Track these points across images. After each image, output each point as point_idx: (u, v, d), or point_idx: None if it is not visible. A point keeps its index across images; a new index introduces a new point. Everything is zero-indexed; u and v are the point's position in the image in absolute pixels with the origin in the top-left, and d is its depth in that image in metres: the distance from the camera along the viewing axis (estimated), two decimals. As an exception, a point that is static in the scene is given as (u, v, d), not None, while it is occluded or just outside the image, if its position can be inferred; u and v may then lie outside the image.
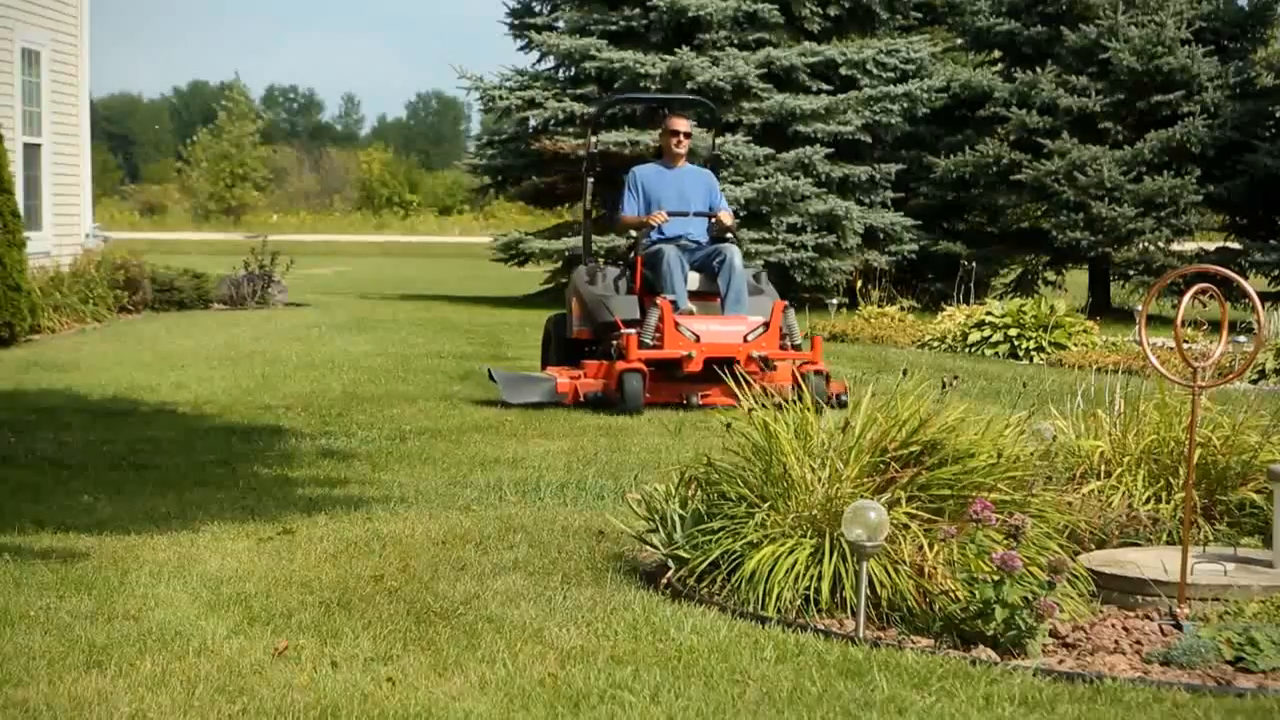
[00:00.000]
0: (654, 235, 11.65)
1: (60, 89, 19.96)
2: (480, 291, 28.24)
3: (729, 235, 11.83)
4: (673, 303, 11.22)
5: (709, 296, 11.57)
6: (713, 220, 11.79)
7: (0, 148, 14.77)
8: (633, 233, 12.03)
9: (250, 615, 5.35)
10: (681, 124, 12.08)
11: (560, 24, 24.14)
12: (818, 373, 10.81)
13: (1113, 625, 5.30)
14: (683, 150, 11.95)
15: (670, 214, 11.67)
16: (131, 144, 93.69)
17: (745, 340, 10.94)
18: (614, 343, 11.03)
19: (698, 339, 10.94)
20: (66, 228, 20.15)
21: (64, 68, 20.13)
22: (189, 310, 20.78)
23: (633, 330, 10.96)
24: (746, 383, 6.68)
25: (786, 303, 11.16)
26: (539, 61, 24.54)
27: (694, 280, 11.58)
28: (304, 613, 5.39)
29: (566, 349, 11.78)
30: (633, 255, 11.79)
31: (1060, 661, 4.97)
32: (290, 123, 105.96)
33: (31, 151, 18.95)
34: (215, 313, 20.79)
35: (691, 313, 11.30)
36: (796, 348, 11.05)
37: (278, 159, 75.65)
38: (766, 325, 11.03)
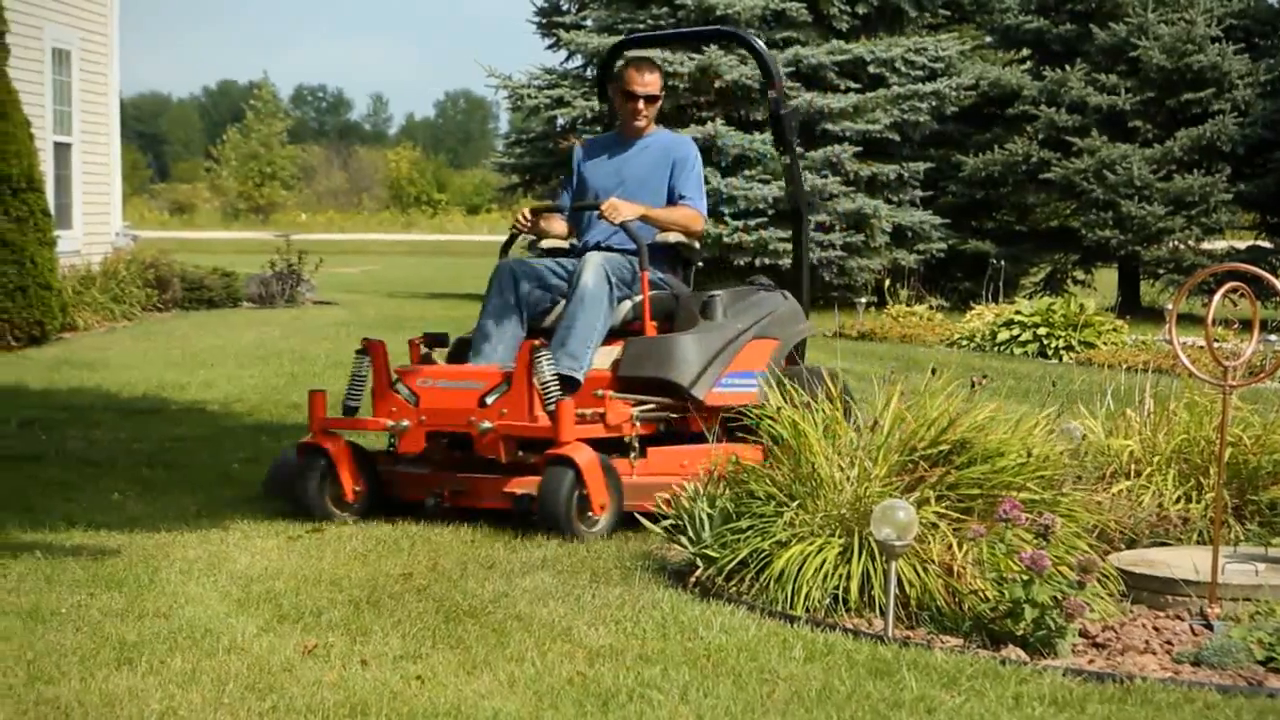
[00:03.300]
0: (586, 239, 7.90)
1: (90, 88, 20.04)
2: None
3: (643, 244, 7.57)
4: (459, 346, 7.70)
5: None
6: (598, 214, 7.69)
7: (31, 147, 14.83)
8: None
9: (280, 613, 5.37)
10: (644, 82, 7.93)
11: (588, 22, 24.15)
12: (559, 460, 6.76)
13: (1143, 625, 5.29)
14: (643, 121, 7.95)
15: (534, 210, 7.96)
16: (161, 143, 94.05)
17: (482, 404, 7.04)
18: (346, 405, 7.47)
19: (418, 402, 7.19)
20: (97, 227, 20.23)
21: (94, 67, 20.21)
22: (218, 309, 20.84)
23: (360, 384, 7.46)
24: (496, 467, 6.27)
25: (542, 341, 7.09)
26: (567, 60, 24.55)
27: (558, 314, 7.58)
28: (333, 611, 5.41)
29: None
30: None
31: (1090, 661, 4.95)
32: (319, 122, 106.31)
33: (62, 150, 19.03)
34: (244, 311, 20.85)
35: (474, 364, 7.45)
36: (550, 418, 6.91)
37: (306, 158, 75.90)
38: (509, 380, 7.01)
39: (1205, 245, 23.83)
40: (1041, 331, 15.75)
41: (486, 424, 6.95)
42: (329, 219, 66.46)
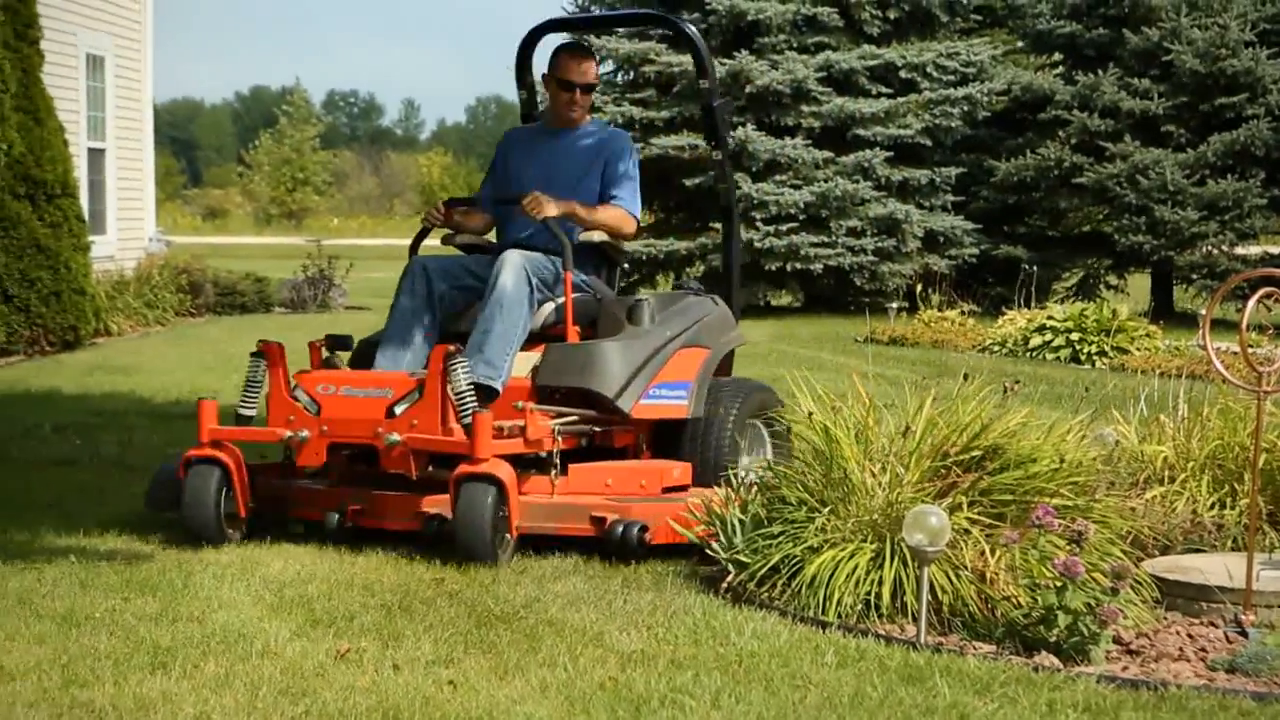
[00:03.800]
0: (507, 236, 7.43)
1: (124, 94, 20.14)
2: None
3: (574, 243, 7.12)
4: (364, 349, 7.15)
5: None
6: (518, 208, 7.13)
7: (65, 152, 14.90)
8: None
9: (313, 618, 5.39)
10: (581, 71, 7.48)
11: (619, 28, 24.16)
12: (478, 478, 6.16)
13: (1177, 632, 5.27)
14: (578, 112, 7.45)
15: (449, 205, 7.46)
16: (194, 148, 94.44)
17: (389, 414, 6.44)
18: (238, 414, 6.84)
19: (319, 411, 6.57)
20: (130, 232, 20.33)
21: (128, 73, 20.30)
22: (250, 314, 20.91)
23: (255, 390, 6.81)
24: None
25: (457, 346, 6.50)
26: (598, 65, 24.57)
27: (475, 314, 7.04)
28: (366, 615, 5.42)
29: None
30: None
31: (1124, 668, 4.94)
32: (350, 127, 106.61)
33: (96, 156, 19.13)
34: (277, 316, 20.91)
35: (378, 369, 6.93)
36: (465, 430, 6.33)
37: (338, 163, 76.06)
38: (421, 388, 6.45)
39: (1239, 250, 23.69)
40: (1074, 337, 15.69)
41: (394, 436, 6.36)
42: (361, 224, 66.59)
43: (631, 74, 23.75)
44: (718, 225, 22.23)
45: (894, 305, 19.88)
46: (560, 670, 4.81)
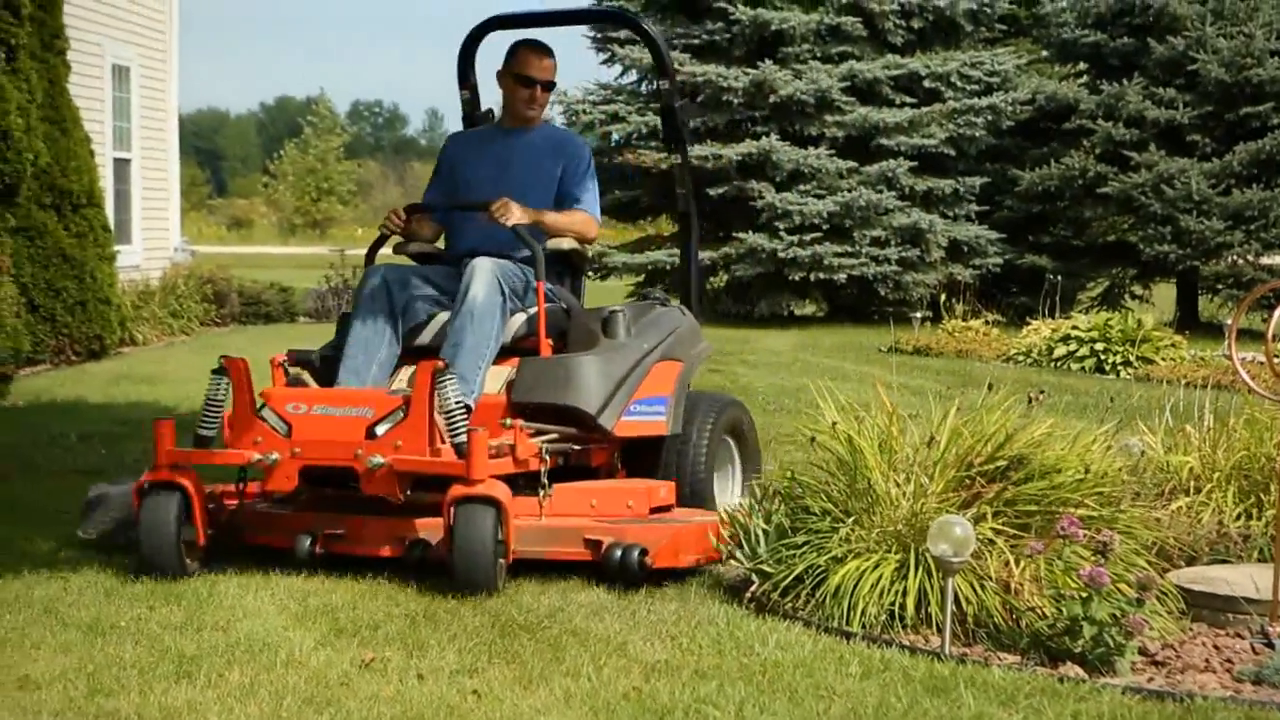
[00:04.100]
0: (461, 243, 7.01)
1: (150, 105, 20.22)
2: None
3: (551, 253, 6.81)
4: (318, 364, 6.63)
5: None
6: (482, 215, 6.76)
7: (91, 163, 14.96)
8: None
9: (337, 627, 5.39)
10: (542, 66, 7.07)
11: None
12: (477, 500, 5.80)
13: (1203, 643, 5.24)
14: (536, 110, 7.09)
15: (410, 210, 7.02)
16: (219, 158, 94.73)
17: (370, 434, 6.03)
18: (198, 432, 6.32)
19: (289, 431, 6.13)
20: (155, 242, 20.40)
21: (153, 84, 20.39)
22: (275, 323, 20.96)
23: (216, 409, 6.28)
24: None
25: (444, 362, 6.09)
26: (621, 75, 24.58)
27: (437, 328, 6.73)
28: (390, 625, 5.42)
29: None
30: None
31: (1149, 680, 4.92)
32: (375, 137, 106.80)
33: (121, 166, 19.20)
34: (301, 326, 20.96)
35: (341, 386, 6.46)
36: (457, 450, 5.95)
37: (362, 173, 76.21)
38: (406, 407, 6.03)
39: (1265, 260, 23.63)
40: (1099, 347, 15.65)
41: (378, 459, 5.94)
42: (385, 234, 66.67)
43: (656, 84, 23.75)
44: (741, 235, 22.29)
45: (918, 315, 19.85)
46: (584, 680, 4.81)
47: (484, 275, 6.51)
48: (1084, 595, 4.99)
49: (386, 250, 7.20)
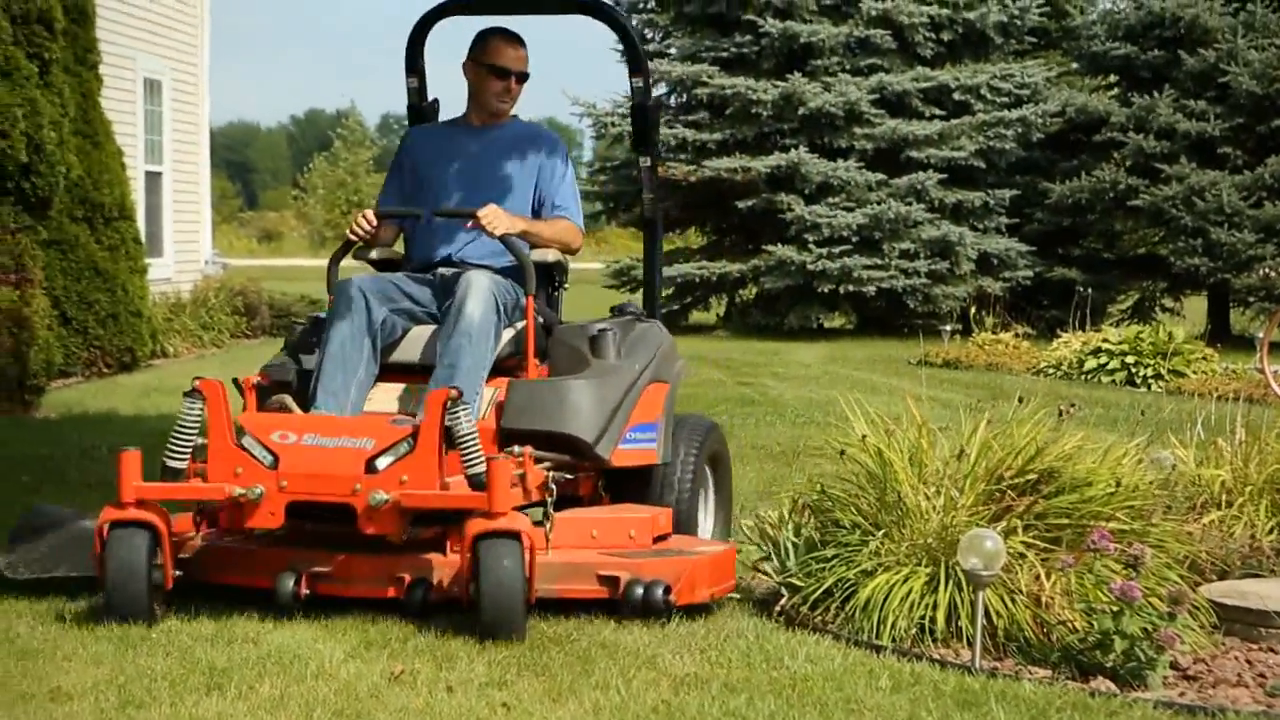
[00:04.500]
0: (428, 251, 6.45)
1: (181, 118, 20.32)
2: (593, 317, 28.29)
3: (530, 260, 6.20)
4: (292, 389, 6.08)
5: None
6: (469, 225, 6.27)
7: (123, 176, 15.04)
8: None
9: (366, 639, 5.40)
10: (517, 56, 6.51)
11: (672, 51, 24.21)
12: (503, 535, 5.32)
13: (1235, 658, 5.22)
14: (508, 104, 6.52)
15: (382, 216, 6.40)
16: (249, 171, 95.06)
17: (370, 468, 5.50)
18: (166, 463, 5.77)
19: (276, 463, 5.55)
20: (186, 254, 20.49)
21: (185, 97, 20.49)
22: (305, 336, 20.99)
23: (187, 438, 5.73)
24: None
25: (458, 390, 5.59)
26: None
27: (417, 344, 6.20)
28: (419, 637, 5.43)
29: None
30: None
31: (1181, 694, 4.90)
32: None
33: (153, 179, 19.30)
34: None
35: (321, 412, 5.90)
36: (472, 482, 5.50)
37: (392, 186, 76.33)
38: (414, 438, 5.52)
39: (1297, 272, 23.51)
40: (1130, 360, 15.60)
41: (382, 494, 5.41)
42: (414, 247, 66.85)
43: (684, 96, 23.80)
44: (770, 247, 22.29)
45: (947, 328, 19.81)
46: (613, 693, 4.81)
47: (481, 292, 6.01)
48: (1115, 609, 4.97)
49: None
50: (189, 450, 5.69)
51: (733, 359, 18.36)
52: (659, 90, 24.28)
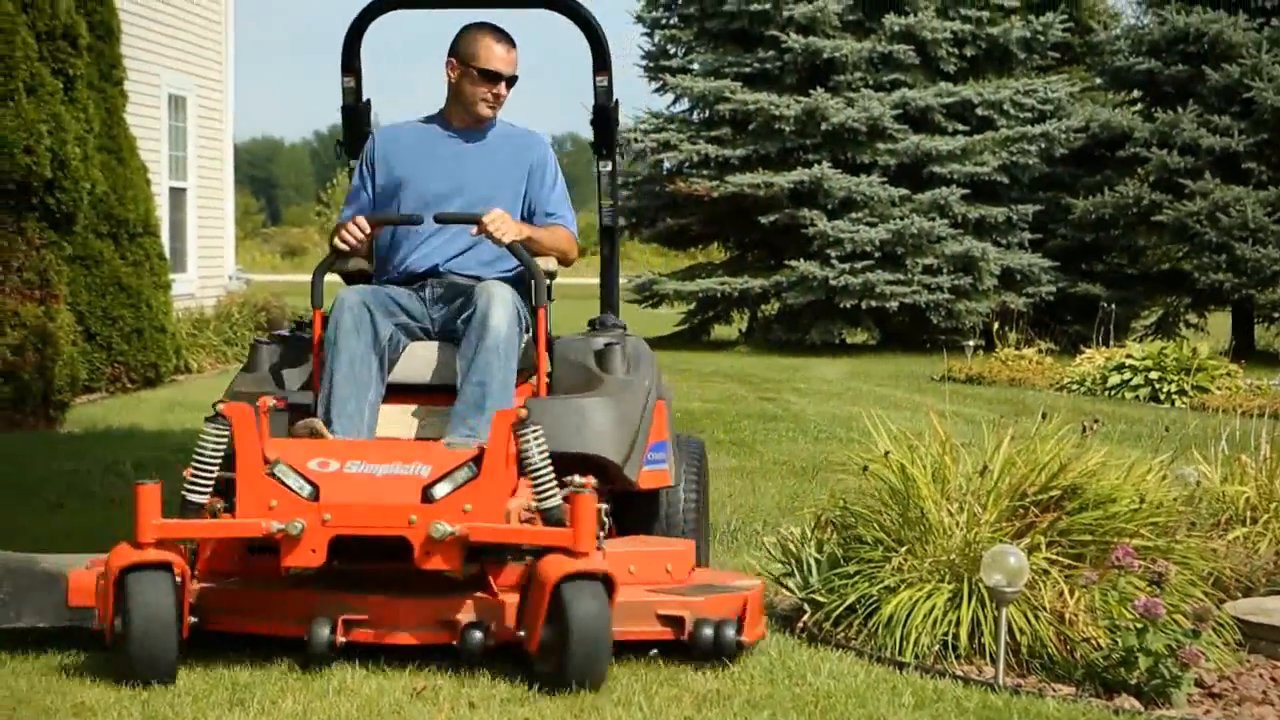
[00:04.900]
0: (408, 261, 6.02)
1: (205, 134, 20.39)
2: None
3: (530, 271, 5.83)
4: (296, 411, 5.64)
5: (443, 395, 5.72)
6: (474, 232, 5.82)
7: (147, 191, 15.09)
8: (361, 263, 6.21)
9: (388, 655, 5.39)
10: (506, 58, 6.02)
11: (695, 66, 24.23)
12: (590, 577, 4.96)
13: (1260, 675, 5.20)
14: (495, 109, 6.07)
15: (373, 221, 5.95)
16: (273, 187, 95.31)
17: (426, 497, 5.08)
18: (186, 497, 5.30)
19: (316, 494, 5.08)
20: (210, 270, 20.55)
21: (209, 113, 20.56)
22: (328, 351, 21.03)
23: (209, 469, 5.23)
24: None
25: (526, 411, 5.21)
26: (673, 104, 24.64)
27: (420, 362, 5.84)
28: (441, 653, 5.42)
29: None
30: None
31: (1206, 712, 4.88)
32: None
33: (177, 195, 19.36)
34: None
35: (340, 437, 5.47)
36: (546, 517, 5.15)
37: (415, 201, 76.45)
38: (477, 463, 5.12)
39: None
40: (1153, 375, 15.56)
41: (446, 526, 4.96)
42: (437, 262, 66.91)
43: (707, 112, 23.82)
44: (793, 263, 22.29)
45: (970, 343, 19.77)
46: (636, 710, 4.80)
47: (504, 305, 5.63)
48: (1139, 626, 4.95)
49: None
50: (211, 483, 5.20)
51: (755, 374, 18.35)
52: (681, 105, 24.33)
